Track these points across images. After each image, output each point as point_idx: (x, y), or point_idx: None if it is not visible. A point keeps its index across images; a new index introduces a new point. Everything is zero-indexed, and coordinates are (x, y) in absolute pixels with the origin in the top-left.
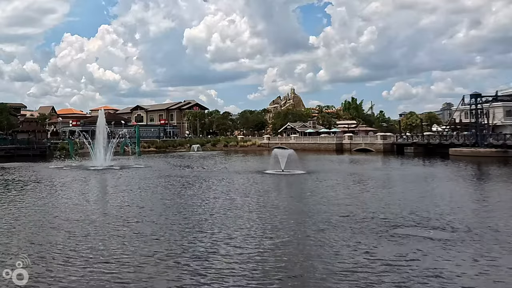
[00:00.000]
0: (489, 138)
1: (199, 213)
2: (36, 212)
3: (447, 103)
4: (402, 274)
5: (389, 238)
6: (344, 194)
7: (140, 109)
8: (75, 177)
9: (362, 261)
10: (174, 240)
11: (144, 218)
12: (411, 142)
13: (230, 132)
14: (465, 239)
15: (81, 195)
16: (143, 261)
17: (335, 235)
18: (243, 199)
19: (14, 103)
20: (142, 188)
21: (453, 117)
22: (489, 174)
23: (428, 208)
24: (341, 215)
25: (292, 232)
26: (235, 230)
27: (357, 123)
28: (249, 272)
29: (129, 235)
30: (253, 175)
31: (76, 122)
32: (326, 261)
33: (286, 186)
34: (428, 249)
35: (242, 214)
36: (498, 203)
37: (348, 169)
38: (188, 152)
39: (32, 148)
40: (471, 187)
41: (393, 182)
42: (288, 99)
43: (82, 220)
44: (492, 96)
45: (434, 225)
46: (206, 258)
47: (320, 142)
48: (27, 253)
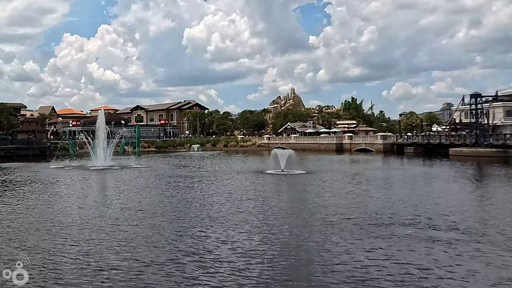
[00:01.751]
0: (489, 138)
1: (199, 213)
2: (36, 213)
3: (447, 103)
4: (402, 273)
5: (388, 238)
6: (343, 194)
7: (140, 109)
8: (75, 177)
9: (361, 261)
10: (174, 240)
11: (144, 219)
12: (411, 142)
13: (230, 132)
14: (465, 239)
15: (82, 196)
16: (143, 260)
17: (335, 235)
18: (243, 199)
19: (14, 103)
20: (142, 188)
21: (453, 117)
22: (489, 174)
23: (428, 208)
24: (341, 215)
25: (292, 232)
26: (235, 230)
27: (357, 123)
28: (248, 272)
29: (130, 235)
30: (253, 175)
31: (76, 122)
32: (326, 261)
33: (286, 186)
34: (428, 249)
35: (241, 214)
36: (498, 203)
37: (348, 169)
38: (188, 152)
39: (32, 148)
40: (471, 187)
41: (393, 182)
42: (288, 99)
43: (83, 221)
44: (492, 96)
45: (434, 225)
46: (207, 258)
47: (320, 142)
48: (27, 253)
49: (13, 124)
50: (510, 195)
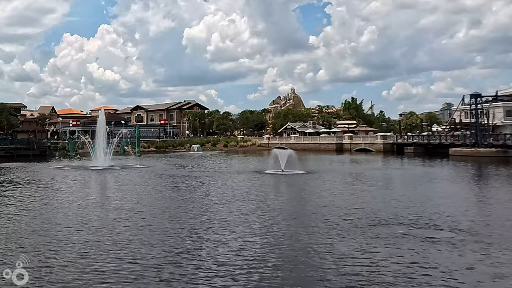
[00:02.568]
0: (489, 138)
1: (199, 214)
2: (36, 213)
3: (447, 103)
4: (402, 274)
5: (389, 238)
6: (343, 194)
7: (140, 109)
8: (76, 177)
9: (362, 261)
10: (174, 240)
11: (144, 219)
12: (411, 142)
13: (230, 132)
14: (465, 239)
15: (82, 196)
16: (143, 260)
17: (335, 236)
18: (242, 199)
19: (14, 103)
20: (142, 188)
21: (453, 117)
22: (489, 174)
23: (428, 208)
24: (341, 215)
25: (292, 232)
26: (235, 230)
27: (357, 123)
28: (248, 273)
29: (130, 235)
30: (253, 175)
31: (76, 122)
32: (326, 261)
33: (285, 186)
34: (429, 249)
35: (242, 214)
36: (499, 203)
37: (348, 169)
38: (188, 152)
39: (32, 148)
40: (472, 187)
41: (394, 182)
42: (288, 99)
43: (83, 221)
44: (492, 96)
45: (434, 225)
46: (206, 258)
47: (320, 142)
48: (27, 253)
49: (13, 124)
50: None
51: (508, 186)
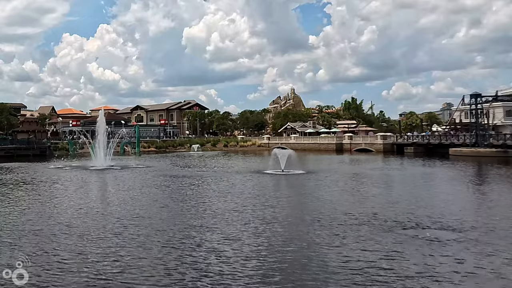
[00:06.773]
0: (489, 138)
1: (199, 214)
2: (36, 213)
3: (447, 103)
4: (403, 273)
5: (389, 238)
6: (343, 194)
7: (140, 109)
8: (76, 177)
9: (362, 262)
10: (174, 240)
11: (144, 218)
12: (411, 142)
13: (230, 132)
14: (465, 239)
15: (82, 196)
16: (142, 260)
17: (335, 236)
18: (242, 199)
19: (14, 103)
20: (142, 189)
21: (453, 117)
22: (489, 174)
23: (428, 208)
24: (341, 215)
25: (292, 232)
26: (235, 230)
27: (357, 123)
28: (247, 273)
29: (130, 235)
30: (253, 175)
31: (76, 122)
32: (326, 261)
33: (285, 186)
34: (429, 249)
35: (241, 214)
36: (499, 203)
37: (348, 169)
38: (188, 152)
39: (32, 148)
40: (471, 187)
41: (394, 182)
42: (288, 99)
43: (83, 221)
44: (492, 96)
45: (434, 225)
46: (207, 258)
47: (320, 142)
48: (27, 253)
49: (13, 124)
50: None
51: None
